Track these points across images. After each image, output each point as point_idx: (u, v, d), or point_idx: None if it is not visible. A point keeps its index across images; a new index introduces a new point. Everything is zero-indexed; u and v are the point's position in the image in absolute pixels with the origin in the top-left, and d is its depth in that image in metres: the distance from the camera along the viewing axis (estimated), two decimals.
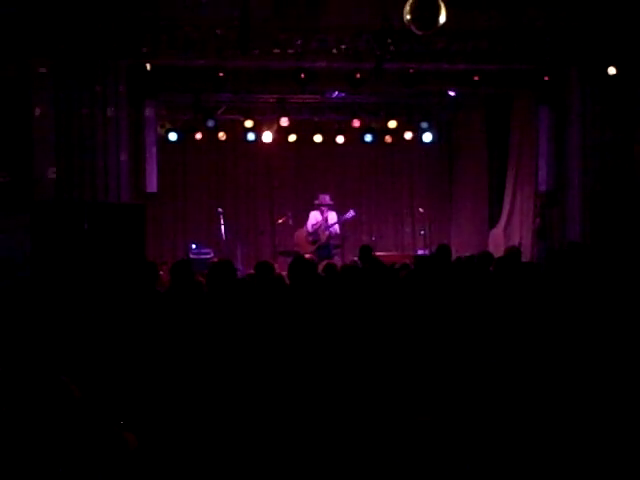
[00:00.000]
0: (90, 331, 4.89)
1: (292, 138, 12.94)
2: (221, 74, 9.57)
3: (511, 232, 11.92)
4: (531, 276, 5.53)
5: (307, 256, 7.05)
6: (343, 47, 9.28)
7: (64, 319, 5.16)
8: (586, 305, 4.86)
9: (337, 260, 10.65)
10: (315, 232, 11.44)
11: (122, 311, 5.07)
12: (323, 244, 11.36)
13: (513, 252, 7.42)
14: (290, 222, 12.03)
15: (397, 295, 5.23)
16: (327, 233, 11.46)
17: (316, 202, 11.76)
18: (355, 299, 5.27)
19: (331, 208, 11.74)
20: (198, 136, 12.70)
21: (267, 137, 12.71)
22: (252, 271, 6.73)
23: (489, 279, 6.00)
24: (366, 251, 8.02)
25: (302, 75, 9.54)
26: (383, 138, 13.15)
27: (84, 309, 5.46)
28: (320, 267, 6.71)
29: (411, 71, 9.83)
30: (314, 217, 11.64)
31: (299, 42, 9.18)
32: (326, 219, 11.48)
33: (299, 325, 4.71)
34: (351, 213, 11.57)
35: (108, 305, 5.36)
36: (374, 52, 9.12)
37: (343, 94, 11.57)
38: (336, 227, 11.57)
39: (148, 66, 9.44)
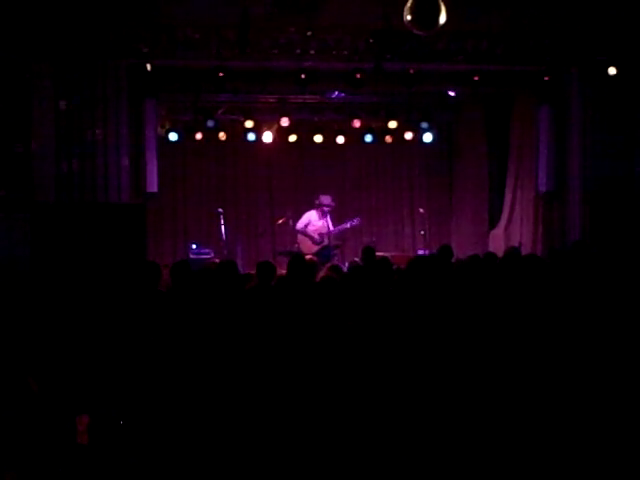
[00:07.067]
0: (90, 331, 4.89)
1: (292, 138, 12.92)
2: (221, 74, 9.57)
3: (511, 232, 11.91)
4: (533, 271, 5.52)
5: (308, 257, 7.03)
6: (343, 47, 9.28)
7: (64, 319, 5.15)
8: (588, 305, 4.86)
9: (337, 261, 10.63)
10: (321, 235, 11.39)
11: (123, 311, 5.07)
12: (325, 245, 11.35)
13: (512, 253, 7.41)
14: (290, 223, 12.01)
15: (393, 296, 5.22)
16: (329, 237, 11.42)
17: (316, 202, 11.71)
18: (355, 299, 5.27)
19: (331, 210, 11.69)
20: (198, 136, 12.68)
21: (267, 137, 12.69)
22: (252, 271, 6.73)
23: (489, 280, 5.99)
24: (369, 252, 8.01)
25: (302, 75, 9.54)
26: (383, 138, 13.13)
27: (84, 309, 5.46)
28: (324, 269, 6.70)
29: (411, 71, 9.82)
30: (307, 217, 11.58)
31: (299, 42, 9.18)
32: (327, 224, 11.40)
33: (297, 324, 4.70)
34: (357, 220, 11.54)
35: (109, 305, 5.36)
36: (374, 52, 9.12)
37: (343, 94, 11.57)
38: (335, 231, 11.50)
39: (148, 66, 9.43)
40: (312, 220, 11.51)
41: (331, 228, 11.36)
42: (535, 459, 3.75)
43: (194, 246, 11.89)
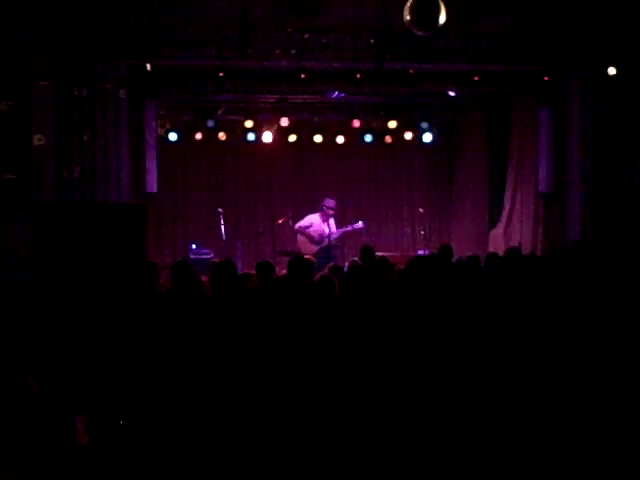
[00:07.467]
0: (90, 332, 4.89)
1: (292, 138, 12.93)
2: (221, 74, 9.57)
3: (511, 232, 11.92)
4: (533, 271, 5.52)
5: (307, 257, 7.03)
6: (343, 47, 9.28)
7: (64, 320, 5.15)
8: (588, 306, 4.86)
9: (337, 262, 10.61)
10: (321, 236, 11.36)
11: (122, 312, 5.07)
12: (325, 246, 11.34)
13: (513, 253, 7.42)
14: (290, 222, 12.01)
15: (392, 296, 5.22)
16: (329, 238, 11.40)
17: (320, 204, 11.66)
18: (355, 298, 5.26)
19: (335, 213, 11.65)
20: (198, 136, 12.69)
21: (267, 137, 12.70)
22: (252, 271, 6.73)
23: (488, 280, 5.99)
24: (367, 252, 8.00)
25: (302, 75, 9.54)
26: (383, 138, 13.14)
27: (84, 310, 5.46)
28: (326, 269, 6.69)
29: (411, 71, 9.82)
30: (309, 220, 11.54)
31: (299, 42, 9.18)
32: (329, 227, 11.37)
33: (296, 324, 4.70)
34: (360, 224, 11.50)
35: (108, 306, 5.35)
36: (374, 52, 9.13)
37: (343, 94, 11.56)
38: (336, 234, 11.48)
39: (148, 66, 9.43)
40: (314, 223, 11.47)
41: (333, 230, 11.34)
42: (535, 459, 3.75)
43: (194, 246, 11.90)
